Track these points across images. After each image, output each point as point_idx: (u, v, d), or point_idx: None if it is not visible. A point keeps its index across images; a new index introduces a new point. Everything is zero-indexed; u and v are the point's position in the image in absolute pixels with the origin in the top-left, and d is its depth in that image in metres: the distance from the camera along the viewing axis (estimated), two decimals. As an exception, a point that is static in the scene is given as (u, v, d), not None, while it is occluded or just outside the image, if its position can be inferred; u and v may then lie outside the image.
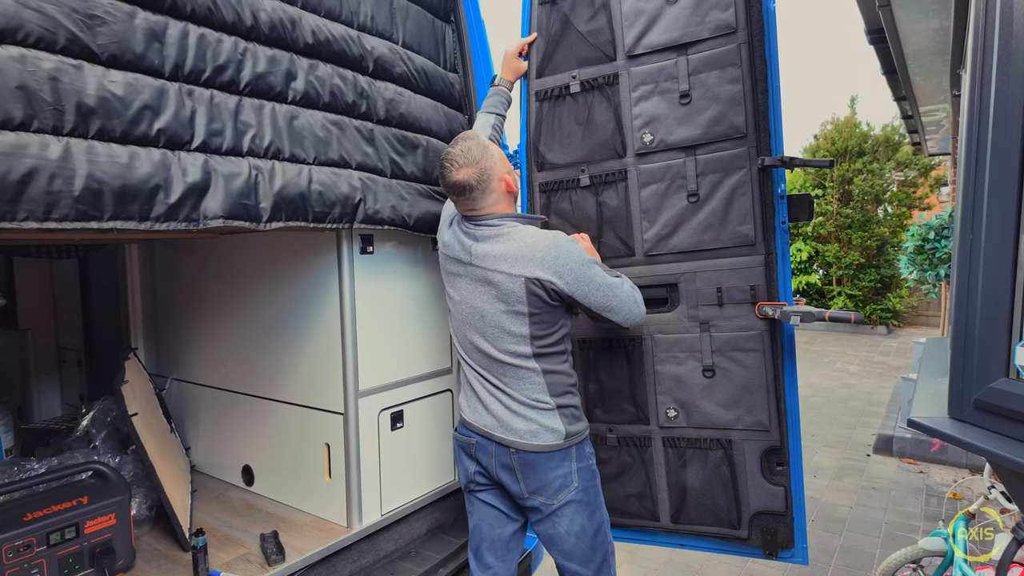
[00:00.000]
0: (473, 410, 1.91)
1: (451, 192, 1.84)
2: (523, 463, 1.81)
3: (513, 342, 1.80)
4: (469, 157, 1.80)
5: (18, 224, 1.24)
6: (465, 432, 1.94)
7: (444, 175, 1.82)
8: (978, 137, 1.24)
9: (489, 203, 1.85)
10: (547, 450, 1.80)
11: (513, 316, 1.78)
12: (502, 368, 1.83)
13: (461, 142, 1.83)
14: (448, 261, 1.94)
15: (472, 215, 1.88)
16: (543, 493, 1.81)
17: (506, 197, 1.89)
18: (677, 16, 2.09)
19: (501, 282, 1.78)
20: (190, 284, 2.93)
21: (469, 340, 1.89)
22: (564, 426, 1.82)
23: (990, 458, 1.25)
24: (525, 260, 1.76)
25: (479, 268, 1.83)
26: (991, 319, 1.24)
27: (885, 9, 4.09)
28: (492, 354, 1.83)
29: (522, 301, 1.77)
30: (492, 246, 1.82)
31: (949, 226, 5.99)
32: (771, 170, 2.01)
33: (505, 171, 1.88)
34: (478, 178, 1.80)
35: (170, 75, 1.56)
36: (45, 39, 1.31)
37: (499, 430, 1.84)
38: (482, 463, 1.89)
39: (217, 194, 1.60)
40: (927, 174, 12.46)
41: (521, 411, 1.81)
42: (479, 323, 1.84)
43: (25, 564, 1.73)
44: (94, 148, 1.37)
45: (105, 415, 2.73)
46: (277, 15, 1.83)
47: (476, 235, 1.86)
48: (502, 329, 1.80)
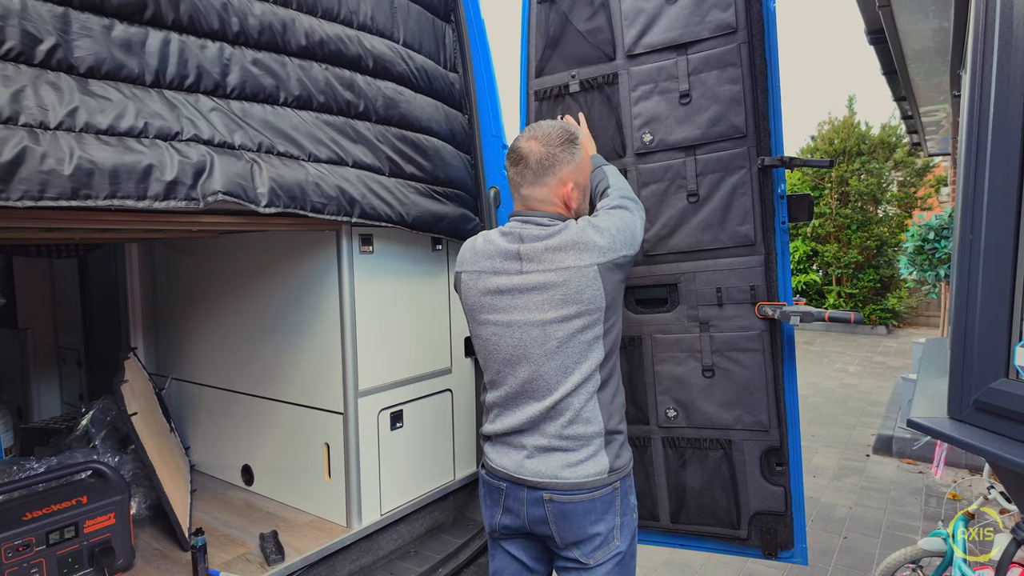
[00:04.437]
0: (499, 454, 1.66)
1: (509, 158, 1.67)
2: (558, 514, 1.55)
3: (578, 355, 1.56)
4: (547, 137, 1.63)
5: (14, 203, 1.27)
6: (492, 477, 1.68)
7: (512, 144, 1.67)
8: (978, 137, 1.24)
9: (540, 196, 1.64)
10: (587, 488, 1.55)
11: (582, 316, 1.55)
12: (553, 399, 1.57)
13: (552, 123, 1.68)
14: (479, 289, 1.65)
15: (520, 211, 1.68)
16: (580, 548, 1.57)
17: (561, 207, 1.66)
18: (677, 16, 2.09)
19: (569, 280, 1.54)
20: (190, 284, 2.93)
21: (515, 376, 1.61)
22: (610, 460, 1.58)
23: (990, 458, 1.25)
24: (584, 245, 1.55)
25: (533, 273, 1.57)
26: (991, 319, 1.24)
27: (885, 9, 4.09)
28: (550, 382, 1.57)
29: (598, 294, 1.54)
30: (547, 241, 1.58)
31: (949, 226, 5.99)
32: (771, 170, 2.01)
33: (576, 183, 1.66)
34: (539, 158, 1.61)
35: (152, 83, 1.59)
36: (25, 53, 1.36)
37: (528, 472, 1.58)
38: (512, 511, 1.63)
39: (215, 174, 1.62)
40: (924, 175, 12.46)
41: (560, 444, 1.57)
42: (532, 348, 1.57)
43: (24, 563, 1.73)
44: (83, 138, 1.41)
45: (105, 415, 2.73)
46: (267, 19, 1.85)
47: (523, 235, 1.62)
48: (568, 340, 1.55)
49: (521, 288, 1.59)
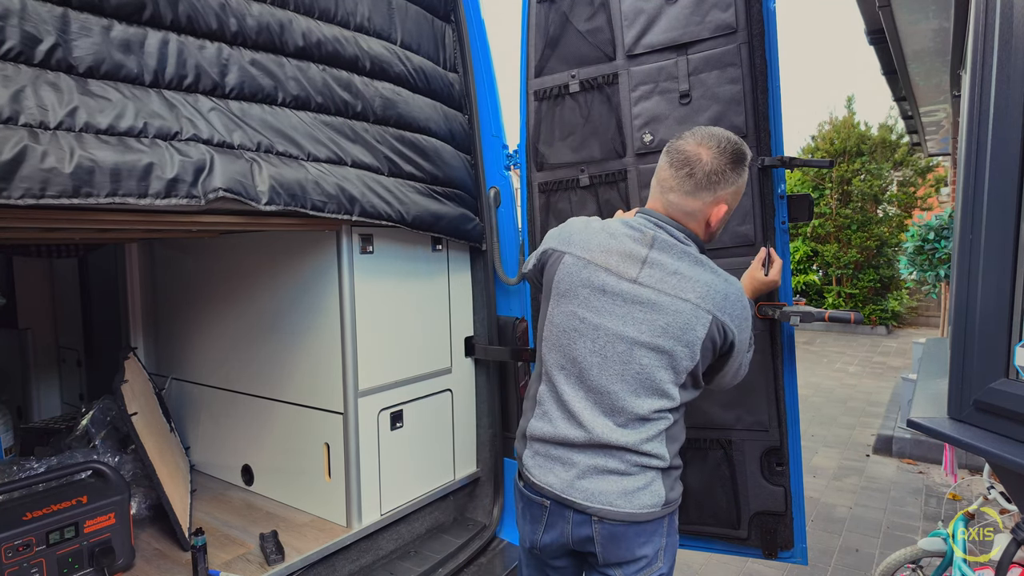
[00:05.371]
0: (542, 468, 1.55)
1: (669, 155, 1.53)
2: (607, 536, 1.47)
3: (654, 390, 1.47)
4: (720, 148, 1.48)
5: (15, 201, 1.27)
6: (533, 492, 1.57)
7: (676, 143, 1.53)
8: (978, 137, 1.24)
9: (689, 209, 1.51)
10: (640, 520, 1.47)
11: (672, 357, 1.45)
12: (620, 420, 1.48)
13: (725, 133, 1.53)
14: (581, 279, 1.53)
15: (657, 212, 1.56)
16: (623, 568, 1.50)
17: (701, 226, 1.54)
18: (677, 16, 2.09)
19: (682, 311, 1.43)
20: (190, 284, 2.93)
21: (583, 383, 1.51)
22: (666, 491, 1.50)
23: (990, 458, 1.26)
24: (715, 296, 1.45)
25: (647, 288, 1.46)
26: (991, 319, 1.24)
27: (885, 9, 4.09)
28: (619, 403, 1.47)
29: (696, 343, 1.44)
30: (677, 263, 1.47)
31: (949, 226, 5.99)
32: (771, 170, 2.01)
33: (731, 207, 1.54)
34: (709, 171, 1.47)
35: (151, 83, 1.60)
36: (25, 53, 1.36)
37: (579, 494, 1.48)
38: (556, 528, 1.53)
39: (215, 172, 1.62)
40: (925, 175, 12.46)
41: (617, 467, 1.47)
42: (611, 362, 1.48)
43: (24, 563, 1.73)
44: (83, 137, 1.42)
45: (105, 414, 2.73)
46: (265, 19, 1.85)
47: (655, 239, 1.50)
48: (647, 371, 1.46)
49: (627, 297, 1.48)
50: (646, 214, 1.57)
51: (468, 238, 2.54)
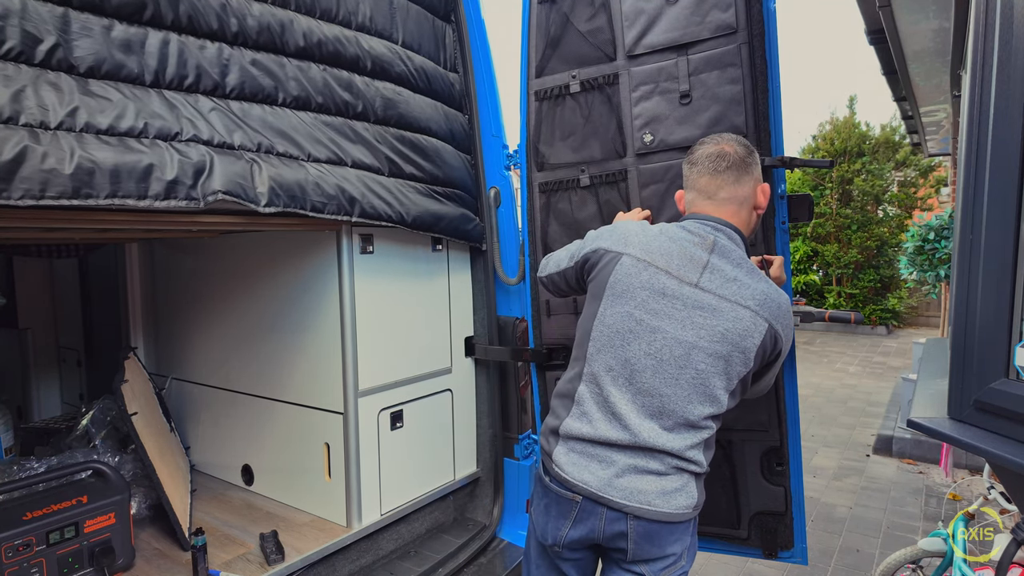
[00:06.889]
0: (576, 466, 1.53)
1: (704, 163, 1.62)
2: (641, 533, 1.47)
3: (706, 395, 1.48)
4: (736, 140, 1.64)
5: (15, 202, 1.27)
6: (563, 488, 1.55)
7: (697, 148, 1.65)
8: (978, 137, 1.24)
9: (742, 196, 1.60)
10: (675, 520, 1.49)
11: (728, 362, 1.47)
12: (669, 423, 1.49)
13: (732, 136, 1.68)
14: (640, 281, 1.52)
15: (709, 216, 1.59)
16: (651, 564, 1.50)
17: (753, 216, 1.64)
18: (677, 16, 2.08)
19: (742, 318, 1.46)
20: (190, 284, 2.93)
21: (632, 384, 1.50)
22: (698, 494, 1.54)
23: (990, 458, 1.25)
24: (771, 305, 1.49)
25: (708, 294, 1.48)
26: (991, 319, 1.24)
27: (885, 9, 4.09)
28: (669, 406, 1.48)
29: (751, 350, 1.47)
30: (735, 271, 1.50)
31: (949, 226, 5.99)
32: (771, 170, 2.01)
33: (764, 192, 1.65)
34: (742, 155, 1.59)
35: (151, 83, 1.60)
36: (25, 53, 1.36)
37: (617, 492, 1.48)
38: (585, 524, 1.52)
39: (215, 173, 1.62)
40: (927, 175, 12.47)
41: (658, 468, 1.48)
42: (666, 365, 1.48)
43: (24, 563, 1.73)
44: (84, 137, 1.42)
45: (105, 414, 2.73)
46: (266, 19, 1.85)
47: (716, 243, 1.53)
48: (702, 376, 1.47)
49: (688, 301, 1.49)
50: (700, 219, 1.60)
51: (468, 238, 2.54)
